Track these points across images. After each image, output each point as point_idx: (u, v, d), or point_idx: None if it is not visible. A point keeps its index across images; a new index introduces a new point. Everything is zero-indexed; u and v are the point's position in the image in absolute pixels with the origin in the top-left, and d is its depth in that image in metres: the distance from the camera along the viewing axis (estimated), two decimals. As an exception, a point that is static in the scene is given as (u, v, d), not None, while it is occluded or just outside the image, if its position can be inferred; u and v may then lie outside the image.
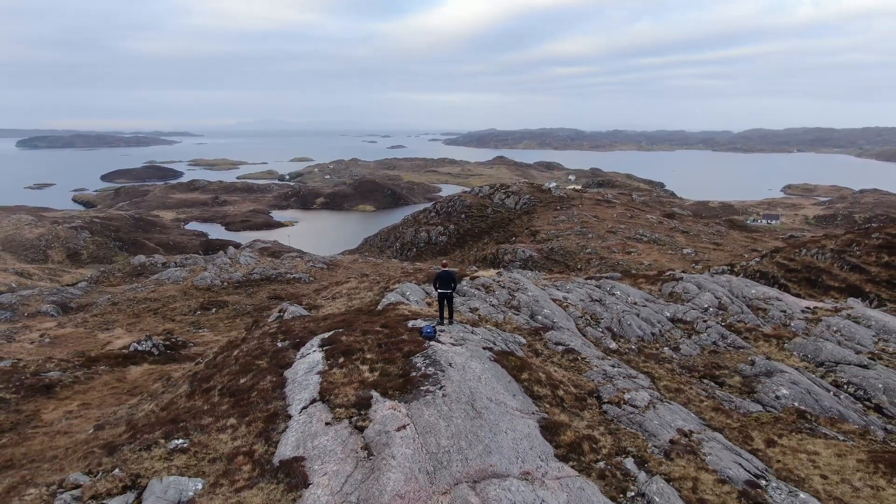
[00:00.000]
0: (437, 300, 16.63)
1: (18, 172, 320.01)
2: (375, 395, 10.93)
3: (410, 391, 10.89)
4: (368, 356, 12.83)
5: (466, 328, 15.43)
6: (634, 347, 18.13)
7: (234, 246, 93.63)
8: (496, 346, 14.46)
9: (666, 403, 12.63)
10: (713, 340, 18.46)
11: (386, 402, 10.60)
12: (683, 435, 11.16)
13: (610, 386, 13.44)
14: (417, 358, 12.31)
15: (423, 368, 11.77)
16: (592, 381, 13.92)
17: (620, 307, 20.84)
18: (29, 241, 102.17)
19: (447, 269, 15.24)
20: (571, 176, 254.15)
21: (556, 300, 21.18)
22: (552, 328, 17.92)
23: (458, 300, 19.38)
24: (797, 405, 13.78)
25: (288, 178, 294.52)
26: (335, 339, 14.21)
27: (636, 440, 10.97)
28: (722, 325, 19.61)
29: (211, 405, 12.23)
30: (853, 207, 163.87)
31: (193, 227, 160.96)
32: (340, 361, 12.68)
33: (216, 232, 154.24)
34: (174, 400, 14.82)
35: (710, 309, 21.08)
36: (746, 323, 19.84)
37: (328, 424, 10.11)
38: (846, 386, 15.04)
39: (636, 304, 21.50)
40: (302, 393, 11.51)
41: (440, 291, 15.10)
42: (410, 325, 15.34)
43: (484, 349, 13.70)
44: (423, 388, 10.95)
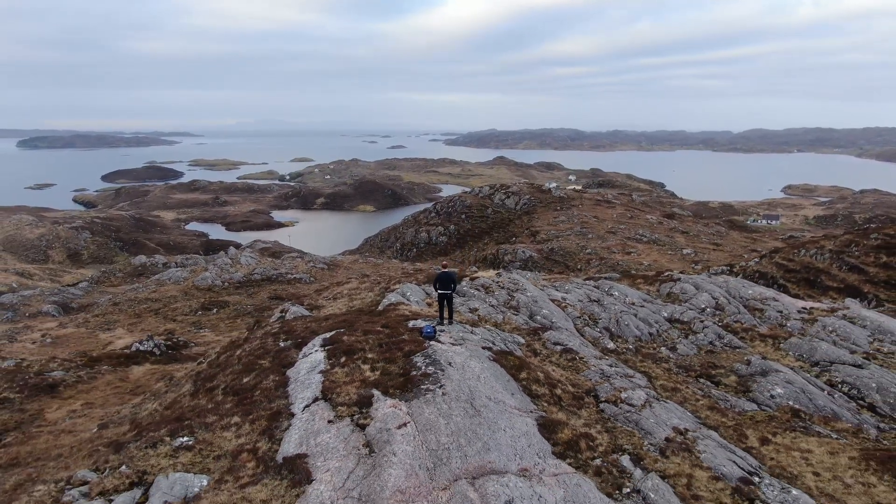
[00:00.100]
0: (437, 301, 16.83)
1: (19, 172, 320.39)
2: (377, 393, 11.14)
3: (411, 390, 11.10)
4: (370, 356, 13.05)
5: (466, 328, 15.63)
6: (632, 347, 18.32)
7: (234, 246, 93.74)
8: (495, 345, 14.66)
9: (662, 402, 12.83)
10: (710, 340, 18.65)
11: (387, 400, 10.81)
12: (679, 433, 11.35)
13: (607, 385, 13.64)
14: (418, 357, 12.52)
15: (423, 368, 11.98)
16: (590, 380, 14.12)
17: (618, 307, 21.03)
18: (30, 241, 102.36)
19: (447, 270, 15.43)
20: (571, 176, 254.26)
21: (554, 300, 21.37)
22: (551, 328, 18.11)
23: (457, 300, 19.57)
24: (791, 404, 13.99)
25: (288, 178, 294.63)
26: (337, 338, 14.42)
27: (632, 438, 11.16)
28: (719, 325, 19.80)
29: (215, 404, 12.43)
30: (853, 208, 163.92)
31: (194, 227, 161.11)
32: (342, 361, 12.89)
33: (217, 232, 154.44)
34: (178, 399, 15.02)
35: (707, 309, 21.27)
36: (743, 323, 20.04)
37: (330, 422, 10.32)
38: (840, 385, 15.24)
39: (634, 304, 21.69)
40: (304, 391, 11.71)
41: (440, 292, 15.31)
42: (411, 325, 15.55)
43: (483, 349, 13.90)
44: (423, 386, 11.15)
